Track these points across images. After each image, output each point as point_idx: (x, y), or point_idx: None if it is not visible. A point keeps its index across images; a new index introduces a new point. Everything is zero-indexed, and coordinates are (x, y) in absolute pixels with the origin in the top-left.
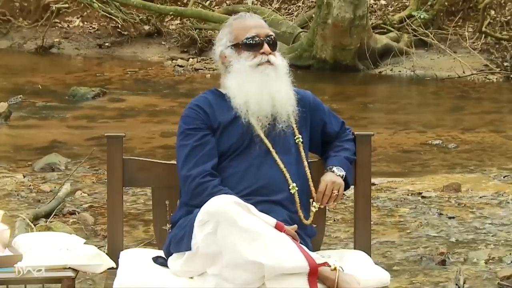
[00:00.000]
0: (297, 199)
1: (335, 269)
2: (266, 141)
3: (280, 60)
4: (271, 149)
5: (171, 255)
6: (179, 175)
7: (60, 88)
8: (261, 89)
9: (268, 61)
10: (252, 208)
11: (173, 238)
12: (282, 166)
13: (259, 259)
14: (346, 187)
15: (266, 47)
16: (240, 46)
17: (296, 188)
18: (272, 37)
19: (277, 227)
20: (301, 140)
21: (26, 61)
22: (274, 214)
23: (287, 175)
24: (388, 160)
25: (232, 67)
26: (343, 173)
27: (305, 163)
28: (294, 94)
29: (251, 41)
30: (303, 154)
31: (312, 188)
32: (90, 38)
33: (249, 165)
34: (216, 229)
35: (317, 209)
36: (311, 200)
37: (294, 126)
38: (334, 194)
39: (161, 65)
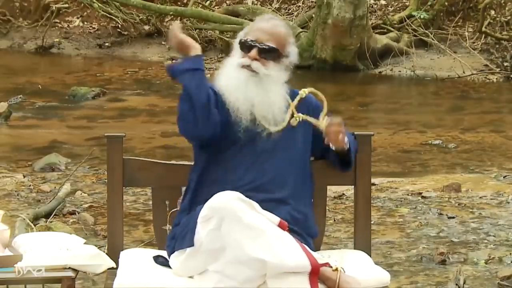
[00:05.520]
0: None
1: (336, 269)
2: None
3: (271, 71)
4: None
5: (173, 253)
6: None
7: (60, 88)
8: (237, 92)
9: (250, 66)
10: (256, 205)
11: (176, 235)
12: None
13: (262, 256)
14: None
15: (253, 52)
16: (240, 43)
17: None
18: (270, 46)
19: (280, 225)
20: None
21: (26, 61)
22: (276, 212)
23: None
24: (388, 160)
25: (228, 60)
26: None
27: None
28: (284, 99)
29: (245, 41)
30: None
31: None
32: (90, 38)
33: (255, 158)
34: (219, 225)
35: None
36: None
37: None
38: (340, 132)
39: (161, 65)
